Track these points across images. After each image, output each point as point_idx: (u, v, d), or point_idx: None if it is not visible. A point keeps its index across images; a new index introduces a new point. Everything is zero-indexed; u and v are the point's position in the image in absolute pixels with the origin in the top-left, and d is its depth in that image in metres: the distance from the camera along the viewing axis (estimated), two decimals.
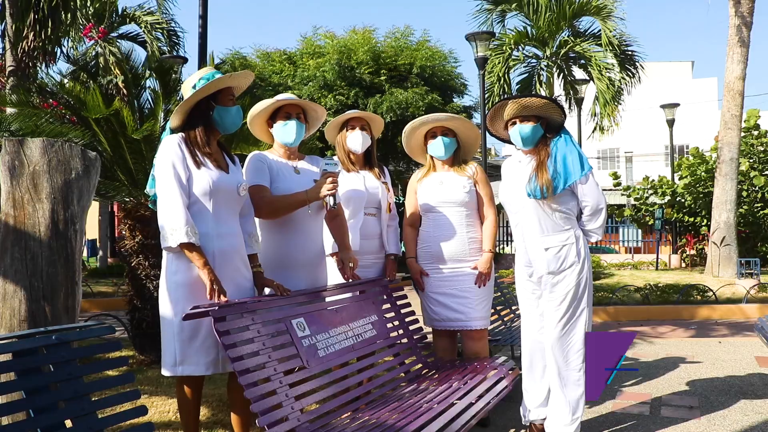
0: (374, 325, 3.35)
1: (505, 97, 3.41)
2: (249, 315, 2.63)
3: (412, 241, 3.83)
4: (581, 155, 3.19)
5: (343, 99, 14.74)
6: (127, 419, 2.19)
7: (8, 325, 2.56)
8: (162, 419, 3.65)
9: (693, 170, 14.92)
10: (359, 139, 3.65)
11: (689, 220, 15.45)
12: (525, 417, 3.42)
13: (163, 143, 2.75)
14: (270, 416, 2.36)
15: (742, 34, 11.30)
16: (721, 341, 6.29)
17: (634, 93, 15.93)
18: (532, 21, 15.23)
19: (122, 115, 4.90)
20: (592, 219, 3.27)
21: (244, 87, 3.00)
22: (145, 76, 5.89)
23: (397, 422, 2.62)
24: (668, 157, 20.43)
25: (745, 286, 9.12)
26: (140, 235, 5.19)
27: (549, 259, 3.21)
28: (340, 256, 3.39)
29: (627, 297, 8.94)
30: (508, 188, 3.36)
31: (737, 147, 11.43)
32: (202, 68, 2.89)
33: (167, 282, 2.71)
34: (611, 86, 14.54)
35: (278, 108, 3.21)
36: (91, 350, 2.30)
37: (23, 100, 5.27)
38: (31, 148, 2.63)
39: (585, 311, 3.23)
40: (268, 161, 3.17)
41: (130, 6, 14.29)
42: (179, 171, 2.67)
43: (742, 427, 3.58)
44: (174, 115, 2.81)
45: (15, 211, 2.60)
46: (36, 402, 1.94)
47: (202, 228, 2.68)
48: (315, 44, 16.25)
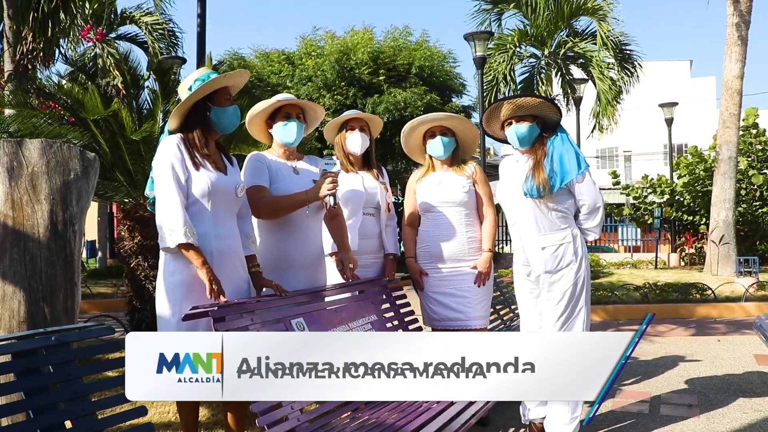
0: (373, 325, 3.35)
1: (501, 98, 3.42)
2: (248, 315, 2.63)
3: (411, 241, 3.83)
4: (578, 154, 3.19)
5: (342, 99, 14.75)
6: (127, 420, 2.19)
7: (7, 327, 2.57)
8: (162, 420, 3.66)
9: (692, 169, 14.93)
10: (358, 140, 3.66)
11: (688, 218, 15.45)
12: (524, 416, 3.42)
13: (161, 144, 2.74)
14: (270, 416, 2.36)
15: (741, 33, 11.30)
16: (720, 339, 6.30)
17: (633, 92, 15.93)
18: (531, 20, 15.23)
19: (121, 116, 4.90)
20: (590, 217, 3.27)
21: (241, 85, 3.00)
22: (144, 77, 5.89)
23: (396, 422, 2.63)
24: (667, 156, 20.44)
25: (743, 284, 9.13)
26: (139, 235, 5.19)
27: (546, 258, 3.21)
28: (339, 256, 3.39)
29: (626, 296, 8.95)
30: (505, 188, 3.37)
31: (736, 146, 11.43)
32: (198, 69, 2.89)
33: (165, 282, 2.71)
34: (613, 86, 14.55)
35: (278, 108, 3.21)
36: (91, 351, 2.30)
37: (22, 102, 5.28)
38: (29, 149, 2.63)
39: (583, 310, 3.23)
40: (267, 161, 3.17)
41: (128, 7, 14.28)
42: (178, 172, 2.66)
43: (741, 425, 3.58)
44: (171, 117, 2.80)
45: (14, 212, 2.60)
46: (35, 403, 1.94)
47: (201, 229, 2.68)
48: (314, 44, 16.26)
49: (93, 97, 4.79)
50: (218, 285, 2.63)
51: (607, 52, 14.46)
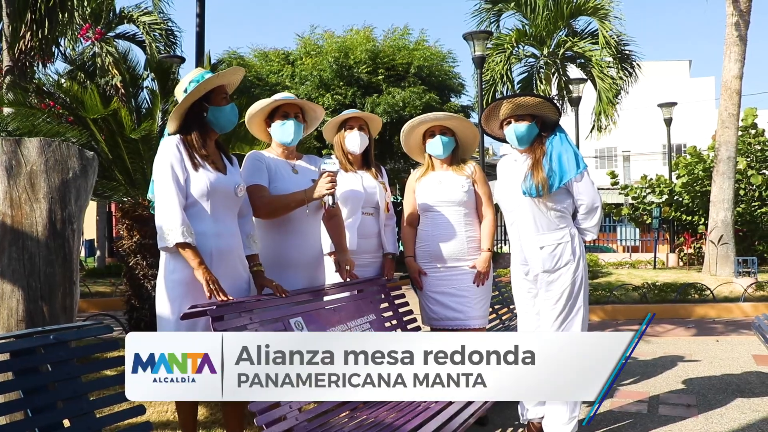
0: (372, 324, 3.35)
1: (500, 97, 3.41)
2: (247, 314, 2.63)
3: (410, 240, 3.83)
4: (576, 153, 3.20)
5: (341, 98, 14.73)
6: (125, 419, 2.19)
7: (6, 325, 2.56)
8: (160, 419, 3.65)
9: (690, 169, 14.94)
10: (357, 140, 3.65)
11: (687, 218, 15.46)
12: (523, 415, 3.42)
13: (161, 145, 2.75)
14: (268, 415, 2.36)
15: (740, 33, 11.30)
16: (719, 339, 6.30)
17: (632, 92, 15.95)
18: (530, 20, 15.24)
19: (120, 115, 4.89)
20: (588, 217, 3.28)
21: (236, 83, 2.99)
22: (143, 76, 5.89)
23: (395, 421, 2.63)
24: (666, 156, 20.45)
25: (742, 284, 9.14)
26: (138, 234, 5.19)
27: (544, 257, 3.21)
28: (336, 257, 3.39)
29: (625, 296, 8.96)
30: (503, 187, 3.36)
31: (734, 146, 11.43)
32: (193, 70, 2.89)
33: (165, 281, 2.71)
34: (614, 86, 14.57)
35: (276, 107, 3.21)
36: (89, 350, 2.31)
37: (20, 100, 5.27)
38: (28, 147, 2.63)
39: (581, 310, 3.23)
40: (266, 160, 3.16)
41: (127, 6, 14.30)
42: (177, 172, 2.67)
43: (739, 425, 3.59)
44: (170, 120, 2.81)
45: (12, 211, 2.60)
46: (34, 402, 1.94)
47: (200, 228, 2.68)
48: (313, 44, 16.24)
49: (92, 96, 4.79)
50: (216, 284, 2.63)
51: (608, 51, 14.48)
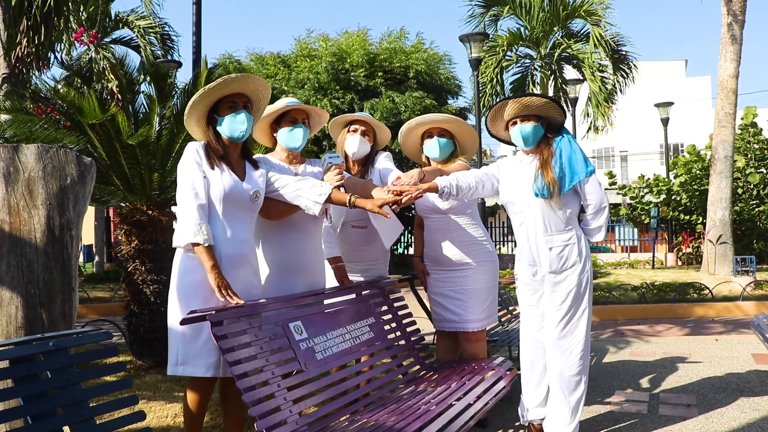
0: (371, 328, 3.35)
1: (506, 97, 3.40)
2: (246, 319, 2.63)
3: (418, 241, 3.87)
4: (584, 155, 3.22)
5: (338, 103, 14.66)
6: (126, 425, 2.18)
7: (5, 332, 2.56)
8: (160, 424, 3.65)
9: (688, 168, 14.97)
10: (356, 143, 3.64)
11: (685, 218, 15.49)
12: (523, 417, 3.42)
13: (185, 149, 2.86)
14: (268, 420, 2.36)
15: (735, 32, 11.34)
16: (718, 339, 6.31)
17: (629, 92, 16.00)
18: (525, 22, 15.28)
19: (117, 121, 4.88)
20: (595, 217, 3.28)
21: (240, 90, 2.93)
22: (140, 81, 5.87)
23: (395, 424, 2.62)
24: (663, 156, 20.49)
25: (741, 283, 9.16)
26: (136, 240, 5.18)
27: (552, 258, 3.21)
28: (335, 266, 3.47)
29: (624, 296, 8.96)
30: (511, 188, 3.34)
31: (731, 145, 11.47)
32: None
33: (178, 281, 2.75)
34: (604, 87, 14.62)
35: (284, 113, 3.22)
36: (89, 356, 2.30)
37: (17, 107, 5.24)
38: (26, 154, 2.63)
39: (586, 312, 3.24)
40: (270, 164, 3.19)
41: (123, 11, 14.25)
42: (196, 174, 2.75)
43: (739, 424, 3.59)
44: (192, 133, 3.00)
45: (10, 218, 2.60)
46: (34, 409, 1.93)
47: (211, 232, 2.71)
48: (309, 47, 16.22)
49: (90, 101, 4.77)
50: (228, 288, 2.66)
51: (602, 53, 14.53)
